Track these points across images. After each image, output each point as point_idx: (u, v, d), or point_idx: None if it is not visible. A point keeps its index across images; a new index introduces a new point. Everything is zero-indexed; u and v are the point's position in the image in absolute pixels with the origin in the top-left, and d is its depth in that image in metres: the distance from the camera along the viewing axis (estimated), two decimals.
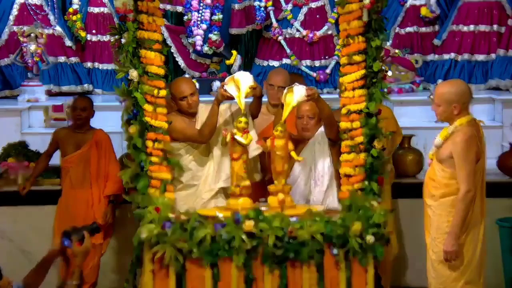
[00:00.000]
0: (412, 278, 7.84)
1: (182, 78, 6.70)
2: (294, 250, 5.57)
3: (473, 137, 5.75)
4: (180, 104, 6.27)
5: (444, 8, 10.46)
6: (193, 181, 6.26)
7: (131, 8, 5.82)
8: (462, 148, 5.69)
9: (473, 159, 5.71)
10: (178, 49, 10.24)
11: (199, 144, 6.25)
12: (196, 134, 6.18)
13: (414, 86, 10.01)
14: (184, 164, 6.19)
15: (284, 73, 6.92)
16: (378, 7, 5.80)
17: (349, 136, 5.94)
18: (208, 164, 6.27)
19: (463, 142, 5.69)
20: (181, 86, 6.27)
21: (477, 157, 5.75)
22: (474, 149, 5.72)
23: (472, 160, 5.71)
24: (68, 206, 7.52)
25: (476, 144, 5.75)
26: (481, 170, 5.82)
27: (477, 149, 5.75)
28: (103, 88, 10.42)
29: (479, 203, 5.84)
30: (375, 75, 5.86)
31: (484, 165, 5.85)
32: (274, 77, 6.78)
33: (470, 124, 5.78)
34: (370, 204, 5.76)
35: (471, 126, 5.77)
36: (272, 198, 5.96)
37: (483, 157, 5.82)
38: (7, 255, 7.79)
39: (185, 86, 6.28)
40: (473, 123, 5.81)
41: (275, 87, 6.70)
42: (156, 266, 5.67)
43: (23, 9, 10.20)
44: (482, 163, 5.81)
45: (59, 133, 7.70)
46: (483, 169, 5.84)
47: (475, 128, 5.79)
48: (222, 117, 6.26)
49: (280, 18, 10.28)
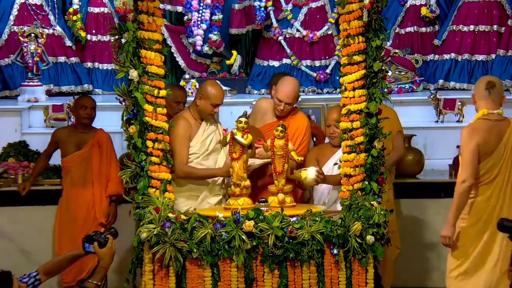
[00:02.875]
0: (412, 278, 7.83)
1: (219, 85, 6.53)
2: (294, 250, 5.57)
3: (477, 129, 5.85)
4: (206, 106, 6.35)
5: (444, 8, 10.47)
6: (200, 185, 6.28)
7: (131, 8, 5.82)
8: (462, 138, 5.87)
9: (472, 150, 5.79)
10: (178, 49, 10.24)
11: (205, 149, 6.29)
12: (177, 162, 6.19)
13: (414, 86, 10.01)
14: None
15: (295, 90, 6.65)
16: (378, 7, 5.80)
17: (349, 136, 5.95)
18: None
19: (464, 133, 5.88)
20: (219, 94, 6.40)
21: (482, 150, 5.82)
22: (474, 140, 5.80)
23: (471, 151, 5.79)
24: (69, 206, 7.52)
25: (480, 136, 5.83)
26: (496, 165, 5.89)
27: (480, 141, 5.82)
28: (103, 88, 10.41)
29: (495, 202, 5.91)
30: (375, 75, 5.86)
31: (503, 161, 5.90)
32: (283, 93, 6.58)
33: (482, 118, 5.90)
34: (370, 204, 5.76)
35: (483, 119, 5.89)
36: (272, 198, 5.98)
37: (498, 152, 5.89)
38: (7, 255, 7.79)
39: (222, 95, 6.41)
40: (487, 116, 5.91)
41: (282, 103, 6.58)
42: (156, 266, 5.67)
43: (23, 9, 10.20)
44: (496, 158, 5.88)
45: (59, 133, 7.70)
46: (498, 164, 5.90)
47: (487, 122, 5.89)
48: None
49: (280, 18, 10.27)
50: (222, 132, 6.32)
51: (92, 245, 4.84)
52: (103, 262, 4.84)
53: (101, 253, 4.84)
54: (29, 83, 9.73)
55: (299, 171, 6.14)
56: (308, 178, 6.10)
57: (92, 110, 7.55)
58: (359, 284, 5.64)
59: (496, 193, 5.90)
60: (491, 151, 5.87)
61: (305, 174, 6.11)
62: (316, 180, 6.12)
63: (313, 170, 6.11)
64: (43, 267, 4.85)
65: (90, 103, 7.55)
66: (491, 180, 5.90)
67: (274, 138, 6.02)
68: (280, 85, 6.63)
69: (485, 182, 5.90)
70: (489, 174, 5.89)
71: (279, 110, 6.59)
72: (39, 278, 4.79)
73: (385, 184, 6.10)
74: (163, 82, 6.03)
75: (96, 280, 4.78)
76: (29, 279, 4.73)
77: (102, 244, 4.85)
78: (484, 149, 5.84)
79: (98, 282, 4.79)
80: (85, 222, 7.45)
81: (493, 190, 5.90)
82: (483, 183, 5.90)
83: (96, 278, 4.80)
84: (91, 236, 4.88)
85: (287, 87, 6.61)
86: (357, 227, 5.59)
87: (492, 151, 5.87)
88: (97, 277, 4.80)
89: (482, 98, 5.99)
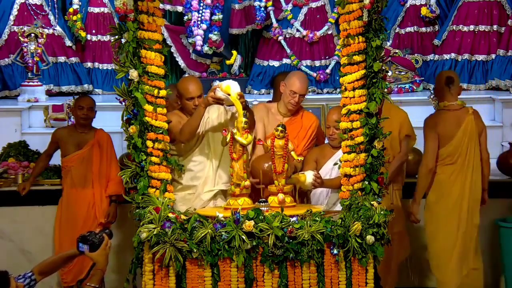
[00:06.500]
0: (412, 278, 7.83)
1: (191, 78, 6.62)
2: (294, 250, 5.57)
3: (436, 120, 6.95)
4: (185, 104, 6.27)
5: (444, 8, 10.47)
6: (193, 182, 6.26)
7: (131, 8, 5.82)
8: (425, 128, 7.03)
9: (432, 138, 6.90)
10: (178, 49, 10.24)
11: (199, 145, 6.25)
12: (178, 133, 6.18)
13: (414, 86, 10.01)
14: (184, 165, 6.19)
15: (306, 82, 6.74)
16: (378, 7, 5.79)
17: (349, 136, 5.94)
18: (208, 165, 6.26)
19: (426, 124, 7.03)
20: (190, 87, 6.27)
21: (442, 136, 6.88)
22: (434, 130, 6.89)
23: (432, 139, 6.90)
24: (69, 206, 7.52)
25: (439, 125, 6.89)
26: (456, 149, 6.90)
27: (439, 130, 6.89)
28: (103, 88, 10.42)
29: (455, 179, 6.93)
30: (375, 75, 5.85)
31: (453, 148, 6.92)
32: (297, 85, 6.61)
33: (442, 108, 7.00)
34: (370, 204, 5.75)
35: (442, 110, 6.98)
36: (272, 198, 5.97)
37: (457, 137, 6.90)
38: (7, 255, 7.79)
39: (194, 87, 6.27)
40: (447, 107, 6.97)
41: (297, 95, 6.60)
42: (156, 266, 5.67)
43: (23, 9, 10.21)
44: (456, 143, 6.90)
45: (59, 133, 7.70)
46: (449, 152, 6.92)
47: (446, 113, 6.94)
48: (222, 117, 6.27)
49: (280, 18, 10.28)
50: (222, 132, 6.26)
51: (86, 246, 4.82)
52: (98, 264, 4.82)
53: (95, 256, 4.81)
54: (29, 83, 9.74)
55: (297, 175, 6.14)
56: (306, 182, 6.10)
57: (90, 111, 7.54)
58: (359, 284, 5.63)
59: (456, 173, 6.89)
60: (451, 137, 6.87)
61: (303, 178, 6.10)
62: (313, 184, 6.12)
63: (311, 174, 6.11)
64: (38, 267, 4.83)
65: (87, 103, 7.54)
66: (452, 162, 6.89)
67: (274, 138, 6.02)
68: (291, 79, 6.67)
69: (447, 163, 6.91)
70: (450, 157, 6.89)
71: (293, 103, 6.62)
72: (34, 278, 4.77)
73: (386, 186, 6.13)
74: (163, 82, 6.02)
75: (93, 283, 4.77)
76: (25, 280, 4.72)
77: (97, 245, 4.83)
78: (444, 136, 6.87)
79: (96, 285, 4.78)
80: (85, 222, 7.45)
81: (454, 170, 6.89)
82: (446, 164, 6.91)
83: (94, 280, 4.78)
84: (85, 236, 4.85)
85: (301, 79, 6.67)
86: (357, 227, 5.58)
87: (452, 136, 6.87)
88: (94, 280, 4.78)
89: (443, 92, 6.97)
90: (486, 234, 7.64)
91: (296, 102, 6.63)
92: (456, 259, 6.92)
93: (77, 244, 4.85)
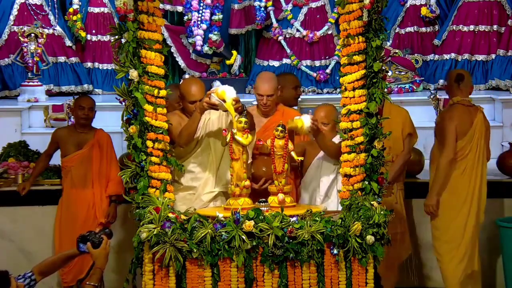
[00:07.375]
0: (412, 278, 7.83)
1: (195, 80, 6.51)
2: (294, 250, 5.57)
3: (455, 113, 6.96)
4: (187, 106, 6.26)
5: (444, 8, 10.47)
6: (193, 183, 6.26)
7: (131, 8, 5.82)
8: (443, 121, 7.04)
9: (452, 130, 6.92)
10: (178, 49, 10.24)
11: (200, 147, 6.25)
12: (177, 136, 6.16)
13: (414, 86, 10.01)
14: (184, 166, 6.19)
15: (271, 81, 6.55)
16: (378, 7, 5.79)
17: (349, 136, 5.94)
18: (208, 166, 6.26)
19: (445, 116, 7.06)
20: (193, 90, 6.23)
21: (459, 130, 6.94)
22: (454, 123, 6.92)
23: (452, 131, 6.92)
24: (69, 206, 7.52)
25: (458, 119, 6.93)
26: (467, 145, 6.99)
27: (457, 123, 6.93)
28: (103, 88, 10.42)
29: (469, 177, 6.98)
30: (375, 75, 5.85)
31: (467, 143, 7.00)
32: (260, 87, 6.50)
33: (457, 102, 7.03)
34: (370, 204, 5.75)
35: (458, 104, 7.02)
36: (272, 198, 5.97)
37: (470, 134, 6.98)
38: (7, 255, 7.79)
39: (197, 90, 6.24)
40: (461, 102, 7.02)
41: (264, 97, 6.48)
42: (156, 266, 5.67)
43: (23, 9, 10.21)
44: (468, 139, 6.98)
45: (59, 133, 7.70)
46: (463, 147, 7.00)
47: (462, 107, 7.01)
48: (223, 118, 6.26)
49: (280, 18, 10.28)
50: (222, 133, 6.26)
51: (86, 245, 4.83)
52: (98, 263, 4.83)
53: (95, 254, 4.82)
54: (29, 83, 9.74)
55: (293, 121, 6.09)
56: (304, 126, 6.06)
57: (90, 111, 7.54)
58: (359, 284, 5.64)
59: (469, 168, 6.95)
60: (465, 132, 6.94)
61: (301, 123, 6.06)
62: (312, 127, 6.06)
63: (308, 118, 6.07)
64: (37, 267, 4.84)
65: (87, 103, 7.54)
66: (464, 156, 6.94)
67: (274, 138, 6.02)
68: (256, 82, 6.57)
69: (460, 158, 6.94)
70: (462, 152, 6.95)
71: (262, 104, 6.51)
72: (34, 278, 4.78)
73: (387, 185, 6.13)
74: (163, 82, 6.02)
75: (93, 282, 4.77)
76: (25, 280, 4.72)
77: (96, 244, 4.84)
78: (460, 130, 6.93)
79: (95, 284, 4.79)
80: (85, 222, 7.45)
81: (467, 165, 6.95)
82: (458, 159, 6.94)
83: (93, 279, 4.79)
84: (85, 236, 4.86)
85: (264, 80, 6.52)
86: (357, 227, 5.58)
87: (466, 132, 6.95)
88: (94, 278, 4.79)
89: (452, 89, 7.05)
90: (486, 234, 7.63)
91: (265, 104, 6.50)
92: (461, 255, 6.93)
93: (77, 244, 4.86)
